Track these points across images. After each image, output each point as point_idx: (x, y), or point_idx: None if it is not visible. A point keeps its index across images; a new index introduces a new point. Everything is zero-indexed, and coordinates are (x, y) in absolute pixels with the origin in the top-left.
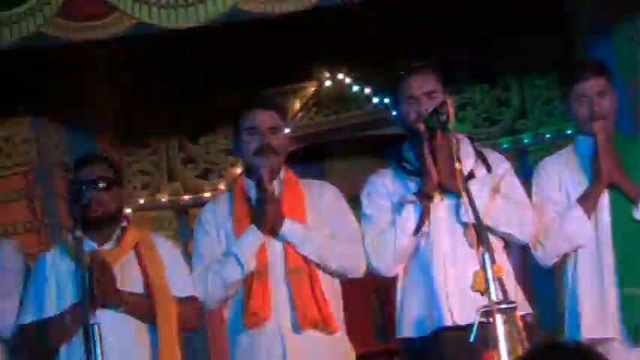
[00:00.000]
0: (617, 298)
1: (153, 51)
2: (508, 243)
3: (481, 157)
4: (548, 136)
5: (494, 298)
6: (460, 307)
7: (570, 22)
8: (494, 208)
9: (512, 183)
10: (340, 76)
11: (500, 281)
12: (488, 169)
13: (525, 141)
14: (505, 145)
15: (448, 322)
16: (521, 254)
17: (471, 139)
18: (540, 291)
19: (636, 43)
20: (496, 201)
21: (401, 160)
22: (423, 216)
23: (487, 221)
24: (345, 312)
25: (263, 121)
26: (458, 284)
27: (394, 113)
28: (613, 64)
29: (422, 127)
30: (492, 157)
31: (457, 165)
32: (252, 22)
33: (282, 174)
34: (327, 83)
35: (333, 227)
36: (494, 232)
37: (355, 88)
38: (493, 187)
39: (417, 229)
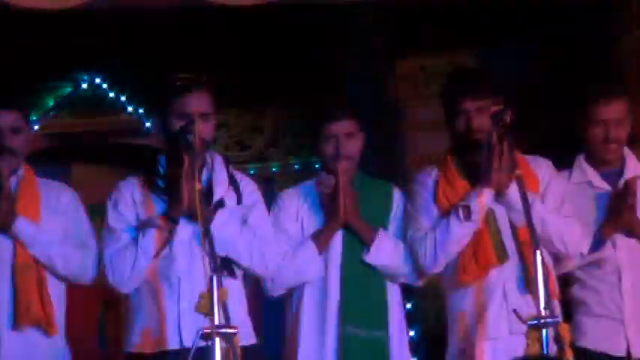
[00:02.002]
0: (336, 336)
1: None
2: None
3: (234, 184)
4: (296, 166)
5: (216, 321)
6: (191, 330)
7: (332, 58)
8: (239, 240)
9: (260, 214)
10: (98, 80)
11: (224, 305)
12: (239, 197)
13: (273, 169)
14: (252, 171)
15: (175, 345)
16: (254, 282)
17: (227, 163)
18: (270, 319)
19: (388, 86)
20: (241, 233)
21: (152, 174)
22: (166, 239)
23: (231, 253)
24: (70, 318)
25: (3, 122)
26: (191, 307)
27: (147, 124)
28: (369, 103)
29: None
30: (244, 183)
31: (197, 185)
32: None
33: (21, 171)
34: (84, 85)
35: (67, 230)
36: (236, 264)
37: (111, 94)
38: (242, 217)
39: (158, 252)
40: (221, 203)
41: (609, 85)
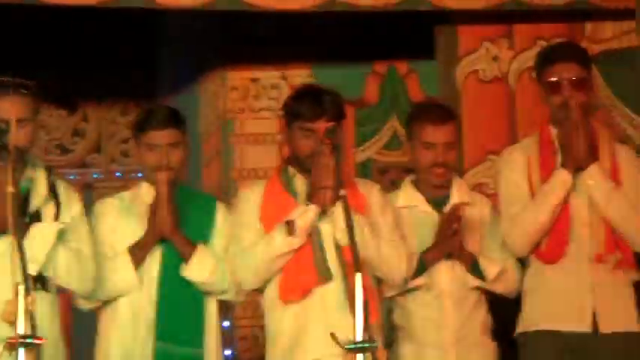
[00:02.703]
0: (149, 352)
1: None
2: None
3: (54, 195)
4: (118, 174)
5: (21, 330)
6: None
7: (162, 66)
8: (53, 258)
9: (79, 229)
10: None
11: (31, 315)
12: (58, 210)
13: (94, 175)
14: (72, 177)
15: None
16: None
17: (50, 172)
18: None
19: (218, 97)
20: (57, 251)
21: None
22: None
23: (44, 271)
24: None
25: None
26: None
27: None
28: (195, 113)
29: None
30: (65, 195)
31: (9, 189)
32: None
33: None
34: None
35: None
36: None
37: None
38: (59, 232)
39: None
40: (37, 215)
41: (440, 107)
